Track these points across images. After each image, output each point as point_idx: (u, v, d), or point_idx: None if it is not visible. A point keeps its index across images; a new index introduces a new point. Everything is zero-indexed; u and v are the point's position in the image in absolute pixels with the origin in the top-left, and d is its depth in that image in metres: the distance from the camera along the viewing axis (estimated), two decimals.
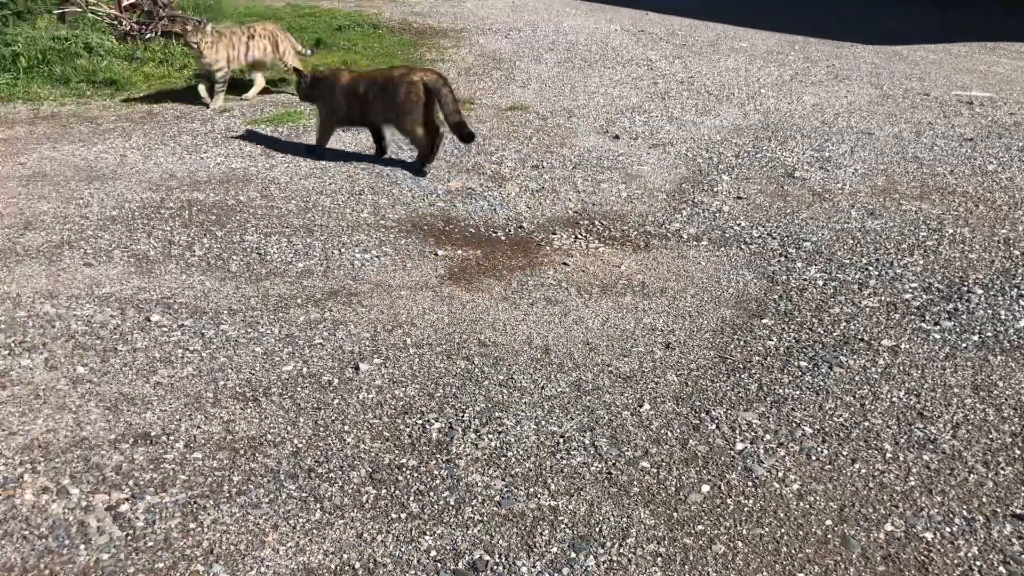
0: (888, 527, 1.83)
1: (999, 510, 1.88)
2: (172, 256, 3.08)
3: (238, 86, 5.28)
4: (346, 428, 2.15)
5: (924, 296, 2.85)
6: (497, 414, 2.21)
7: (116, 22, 6.36)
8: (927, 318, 2.70)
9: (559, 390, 2.32)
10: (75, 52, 5.80)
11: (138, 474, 1.96)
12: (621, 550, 1.77)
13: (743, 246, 3.25)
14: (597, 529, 1.82)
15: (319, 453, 2.05)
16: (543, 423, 2.17)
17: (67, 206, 3.50)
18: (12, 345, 2.47)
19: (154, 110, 4.96)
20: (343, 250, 3.17)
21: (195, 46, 4.94)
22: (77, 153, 4.15)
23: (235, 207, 3.54)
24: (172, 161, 4.07)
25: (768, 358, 2.48)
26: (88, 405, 2.21)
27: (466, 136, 3.92)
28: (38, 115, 4.84)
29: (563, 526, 1.83)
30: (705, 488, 1.95)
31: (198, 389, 2.29)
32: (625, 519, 1.85)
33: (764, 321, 2.70)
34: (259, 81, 5.31)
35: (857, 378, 2.38)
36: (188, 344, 2.51)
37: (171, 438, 2.09)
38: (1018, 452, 2.07)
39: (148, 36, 6.30)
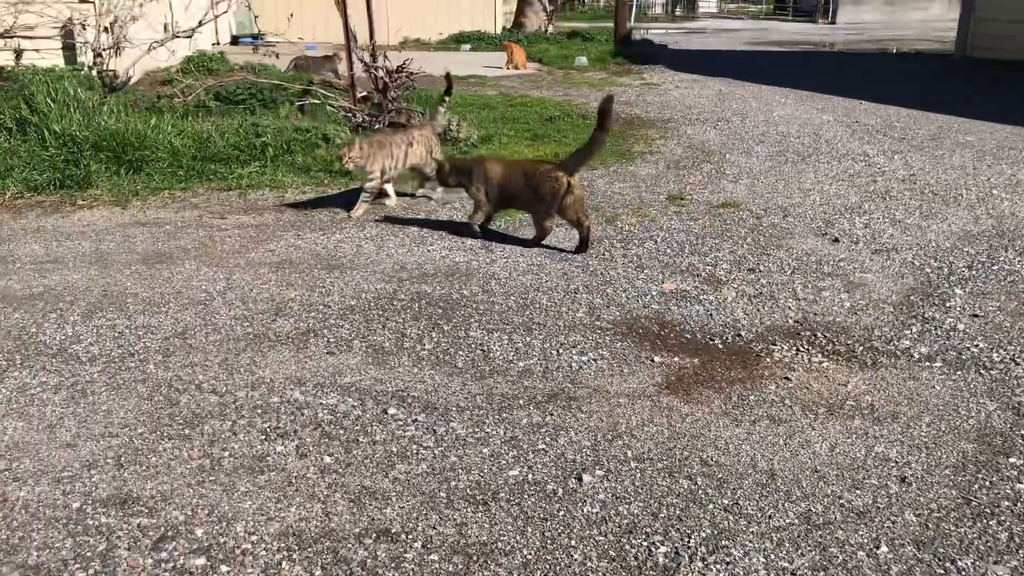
0: None
1: None
2: (404, 348, 3.28)
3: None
4: (573, 543, 2.19)
5: None
6: (724, 542, 2.18)
7: (350, 114, 6.93)
8: None
9: (787, 521, 2.26)
10: (314, 142, 6.37)
11: (382, 572, 2.08)
12: None
13: (983, 371, 3.06)
14: None
15: (548, 567, 2.10)
16: (772, 557, 2.12)
17: (311, 294, 3.81)
18: (268, 431, 2.70)
19: (384, 201, 5.34)
20: (561, 351, 3.26)
21: (344, 159, 4.90)
22: (318, 242, 4.53)
23: (459, 301, 3.74)
24: (402, 253, 4.36)
25: (1019, 504, 2.32)
26: (335, 496, 2.38)
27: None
28: (283, 202, 5.33)
29: None
30: None
31: (432, 488, 2.41)
32: None
33: (1012, 460, 2.52)
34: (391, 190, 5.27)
35: None
36: (422, 440, 2.66)
37: (410, 537, 2.21)
38: None
39: (376, 127, 6.81)
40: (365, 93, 7.12)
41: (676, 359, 3.22)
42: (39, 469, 2.47)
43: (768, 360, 3.20)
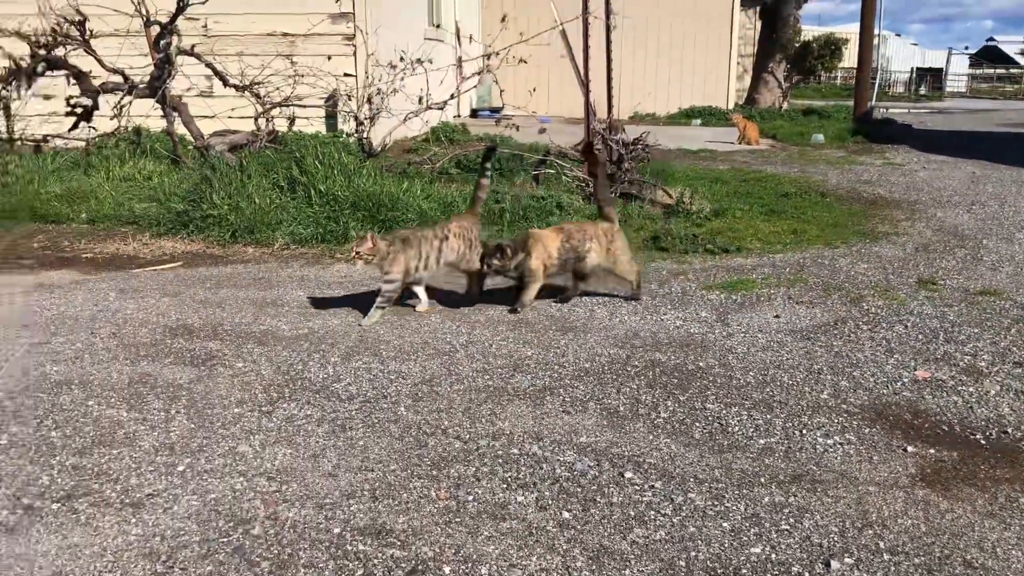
0: None
1: None
2: (639, 415, 3.29)
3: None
4: None
5: None
6: None
7: (583, 183, 7.13)
8: None
9: None
10: (549, 210, 6.59)
11: None
12: None
13: None
14: None
15: None
16: None
17: (547, 353, 3.92)
18: (509, 480, 2.78)
19: None
20: (804, 432, 3.14)
21: (358, 256, 4.24)
22: (552, 305, 4.66)
23: (695, 372, 3.70)
24: (635, 320, 4.40)
25: None
26: (574, 551, 2.40)
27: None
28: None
29: None
30: None
31: (671, 555, 2.39)
32: None
33: None
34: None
35: None
36: (659, 507, 2.64)
37: None
38: None
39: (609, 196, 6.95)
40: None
41: (932, 451, 3.01)
42: (305, 494, 2.68)
43: None
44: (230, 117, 8.92)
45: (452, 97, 8.13)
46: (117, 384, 3.51)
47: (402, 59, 7.84)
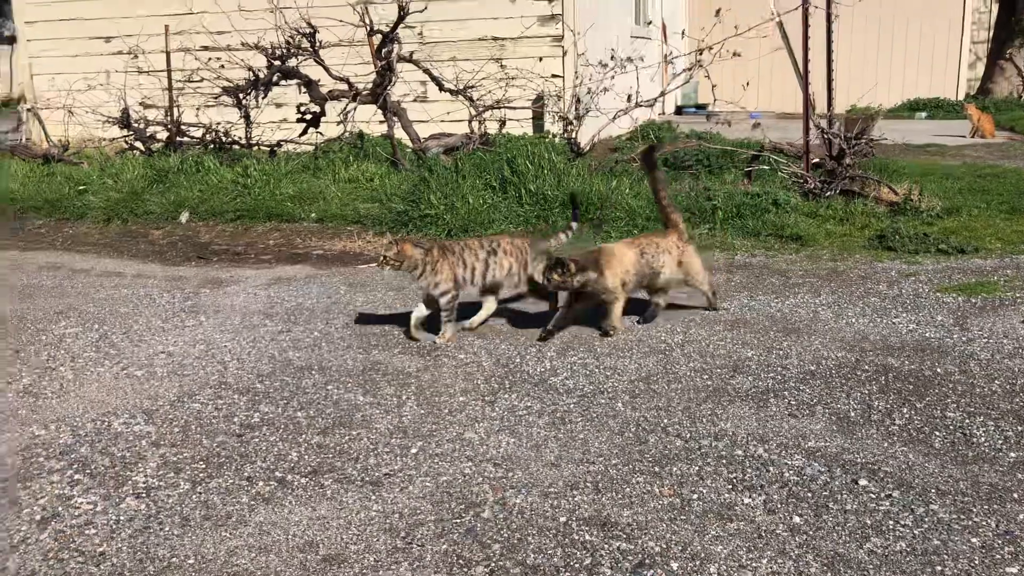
0: None
1: None
2: (872, 421, 3.12)
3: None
4: None
5: None
6: None
7: (801, 180, 6.85)
8: None
9: None
10: (764, 208, 6.38)
11: None
12: None
13: None
14: None
15: None
16: None
17: (768, 355, 3.80)
18: (735, 481, 2.72)
19: (838, 268, 5.17)
20: None
21: (384, 260, 3.98)
22: (772, 304, 4.52)
23: (932, 379, 3.46)
24: (863, 322, 4.17)
25: None
26: (807, 557, 2.31)
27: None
28: (733, 264, 5.41)
29: None
30: None
31: (914, 568, 2.25)
32: None
33: None
34: (489, 305, 4.31)
35: None
36: (898, 517, 2.49)
37: None
38: None
39: (828, 194, 6.64)
40: (817, 160, 7.00)
41: None
42: (529, 482, 2.75)
43: None
44: (443, 120, 9.29)
45: (662, 94, 8.07)
46: (352, 370, 3.74)
47: (612, 58, 7.86)
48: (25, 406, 3.44)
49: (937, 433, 3.01)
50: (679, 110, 15.03)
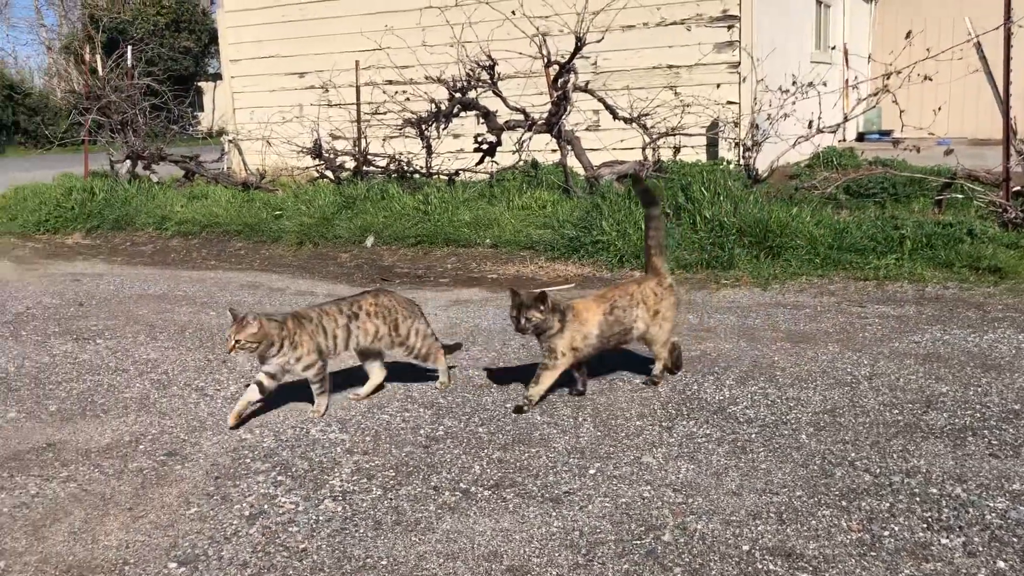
0: None
1: None
2: None
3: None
4: None
5: None
6: None
7: (1000, 209, 6.42)
8: None
9: None
10: (958, 237, 6.03)
11: None
12: None
13: None
14: None
15: None
16: None
17: (965, 391, 3.59)
18: (929, 520, 2.59)
19: None
20: None
21: (236, 344, 3.44)
22: (969, 339, 4.26)
23: None
24: None
25: None
26: None
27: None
28: (923, 296, 5.14)
29: None
30: None
31: None
32: None
33: None
34: (376, 376, 3.86)
35: None
36: None
37: None
38: None
39: None
40: (1018, 188, 6.55)
41: None
42: (710, 509, 2.72)
43: None
44: (615, 148, 9.36)
45: (845, 120, 7.80)
46: None
47: (793, 83, 7.68)
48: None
49: None
50: (861, 136, 14.45)
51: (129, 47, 12.49)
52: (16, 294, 6.34)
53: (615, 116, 8.45)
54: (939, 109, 7.59)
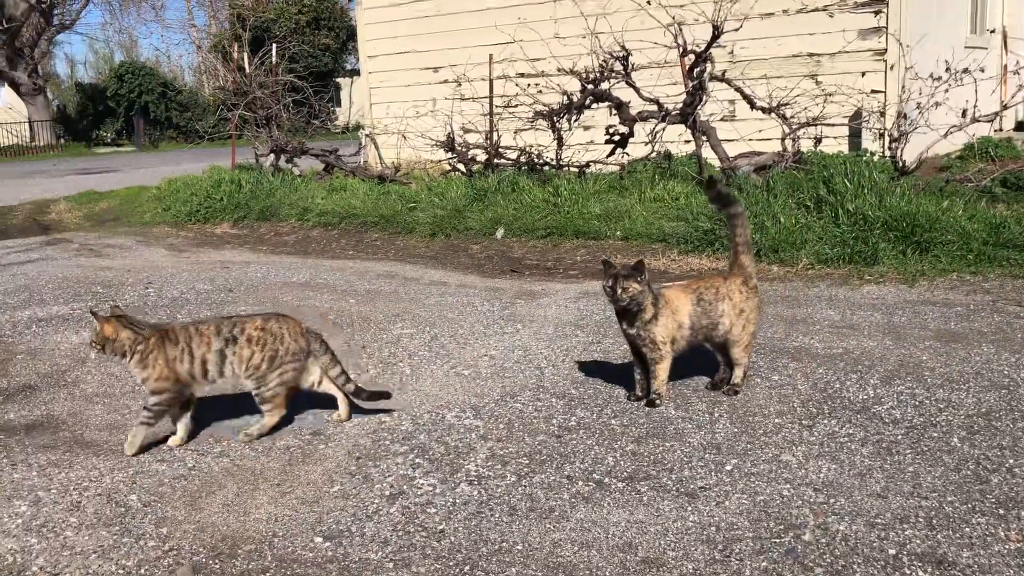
0: None
1: None
2: None
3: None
4: None
5: None
6: None
7: None
8: None
9: None
10: None
11: None
12: None
13: None
14: None
15: None
16: None
17: None
18: None
19: None
20: None
21: (92, 341, 3.23)
22: None
23: None
24: None
25: None
26: None
27: None
28: None
29: None
30: None
31: None
32: None
33: None
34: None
35: None
36: None
37: None
38: None
39: None
40: None
41: None
42: (853, 510, 2.62)
43: None
44: (752, 139, 9.12)
45: (1005, 108, 7.34)
46: None
47: (947, 70, 7.28)
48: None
49: None
50: (1020, 126, 13.54)
51: (273, 45, 13.06)
52: (171, 280, 6.75)
53: (752, 106, 8.23)
54: None
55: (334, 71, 31.47)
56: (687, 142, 8.67)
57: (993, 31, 11.49)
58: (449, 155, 10.05)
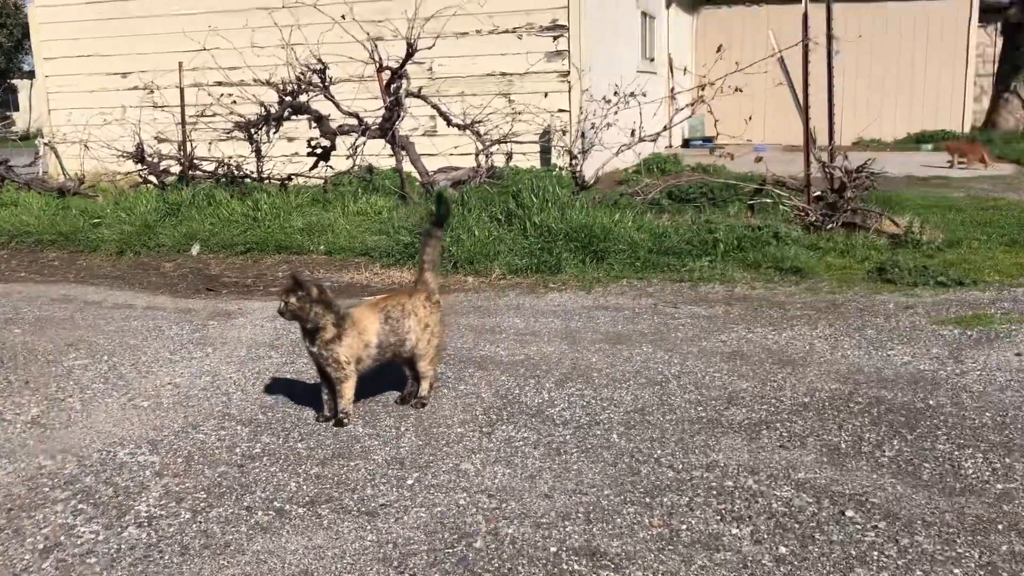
0: None
1: None
2: (862, 453, 3.16)
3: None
4: None
5: None
6: None
7: (802, 213, 6.92)
8: None
9: None
10: (765, 240, 6.45)
11: None
12: None
13: None
14: None
15: None
16: None
17: (763, 387, 3.85)
18: (723, 512, 2.77)
19: (837, 300, 5.22)
20: None
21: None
22: (769, 336, 4.57)
23: (924, 411, 3.51)
24: (858, 355, 4.22)
25: None
26: None
27: None
28: (732, 296, 5.47)
29: None
30: None
31: None
32: None
33: None
34: None
35: None
36: (883, 548, 2.53)
37: None
38: None
39: (830, 227, 6.72)
40: (819, 193, 7.08)
41: None
42: (522, 512, 2.80)
43: None
44: (451, 154, 9.44)
45: (665, 129, 8.17)
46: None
47: (616, 93, 7.98)
48: (33, 437, 3.52)
49: (926, 465, 3.05)
50: (686, 143, 15.17)
51: None
52: None
53: (449, 123, 8.52)
54: (750, 119, 8.07)
55: (8, 72, 28.34)
56: (390, 156, 8.79)
57: (653, 59, 12.77)
58: (139, 166, 9.42)
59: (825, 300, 5.24)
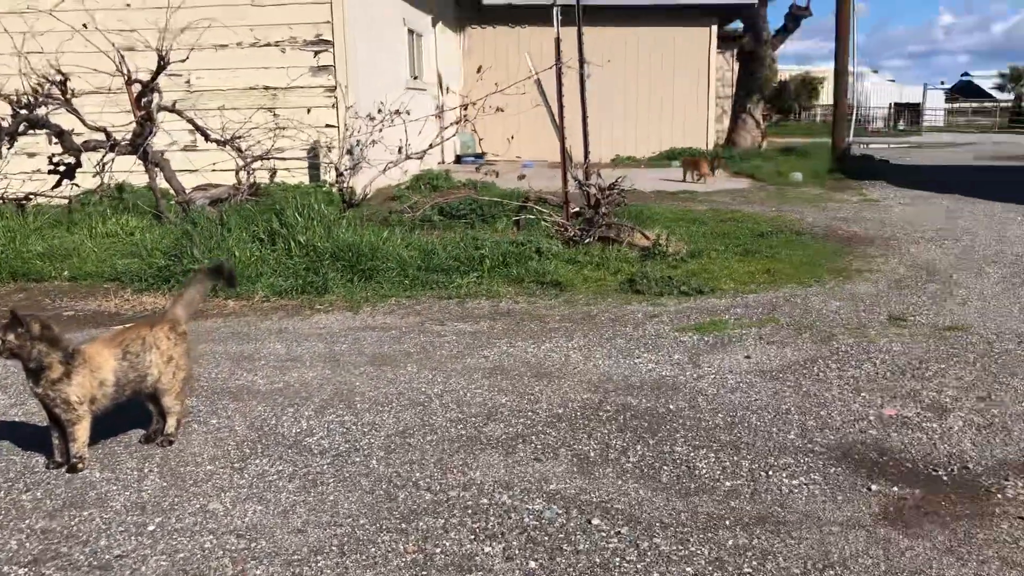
0: None
1: None
2: (609, 460, 3.33)
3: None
4: None
5: None
6: None
7: (562, 228, 7.22)
8: None
9: None
10: (528, 255, 6.67)
11: None
12: None
13: None
14: None
15: None
16: None
17: (521, 400, 3.96)
18: (477, 531, 2.81)
19: (592, 312, 5.48)
20: (770, 473, 3.19)
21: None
22: (529, 350, 4.71)
23: (665, 415, 3.75)
24: (608, 364, 4.45)
25: None
26: None
27: None
28: (497, 311, 5.60)
29: None
30: None
31: None
32: None
33: None
34: None
35: None
36: (624, 553, 2.67)
37: None
38: None
39: (587, 241, 7.05)
40: (578, 209, 7.41)
41: (895, 489, 3.05)
42: (273, 551, 2.70)
43: (1000, 497, 2.96)
44: (212, 171, 9.03)
45: (431, 147, 8.26)
46: (91, 443, 3.52)
47: (380, 111, 7.97)
48: None
49: (665, 468, 3.26)
50: (459, 159, 15.43)
51: None
52: None
53: (207, 138, 8.15)
54: (512, 137, 8.33)
55: None
56: (144, 173, 8.27)
57: (421, 76, 12.90)
58: None
59: (581, 312, 5.48)
